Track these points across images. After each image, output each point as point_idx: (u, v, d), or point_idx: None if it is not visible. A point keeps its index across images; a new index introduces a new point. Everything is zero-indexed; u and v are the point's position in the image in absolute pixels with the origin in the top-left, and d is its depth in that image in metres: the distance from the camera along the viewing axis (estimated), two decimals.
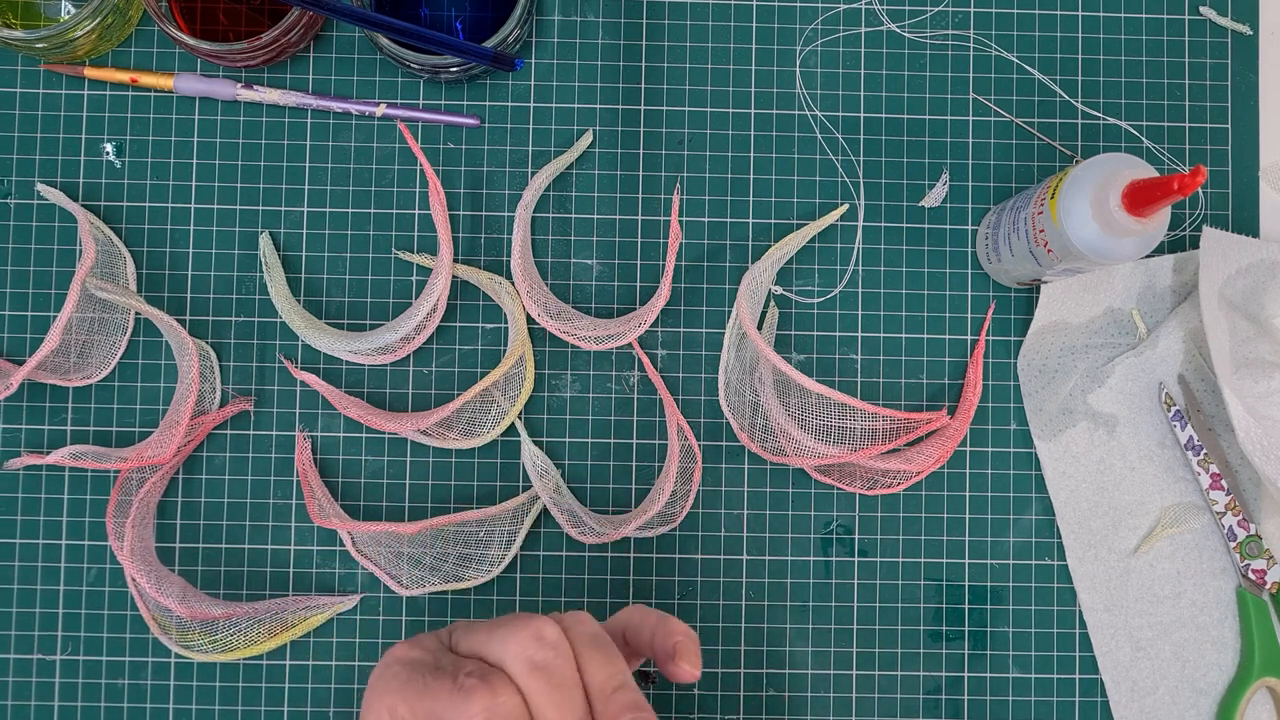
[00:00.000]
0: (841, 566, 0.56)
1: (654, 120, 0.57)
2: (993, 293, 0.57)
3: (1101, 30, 0.58)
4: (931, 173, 0.58)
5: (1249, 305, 0.55)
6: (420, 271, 0.57)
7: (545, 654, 0.38)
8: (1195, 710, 0.55)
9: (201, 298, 0.56)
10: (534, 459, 0.55)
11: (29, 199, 0.56)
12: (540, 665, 0.37)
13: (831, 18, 0.58)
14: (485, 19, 0.56)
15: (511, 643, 0.38)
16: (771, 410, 0.54)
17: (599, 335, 0.55)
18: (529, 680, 0.37)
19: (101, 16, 0.53)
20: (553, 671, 0.37)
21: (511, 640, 0.38)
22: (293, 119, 0.57)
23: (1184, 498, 0.56)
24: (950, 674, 0.56)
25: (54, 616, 0.55)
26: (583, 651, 0.38)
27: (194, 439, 0.55)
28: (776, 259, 0.56)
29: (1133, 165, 0.47)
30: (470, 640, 0.39)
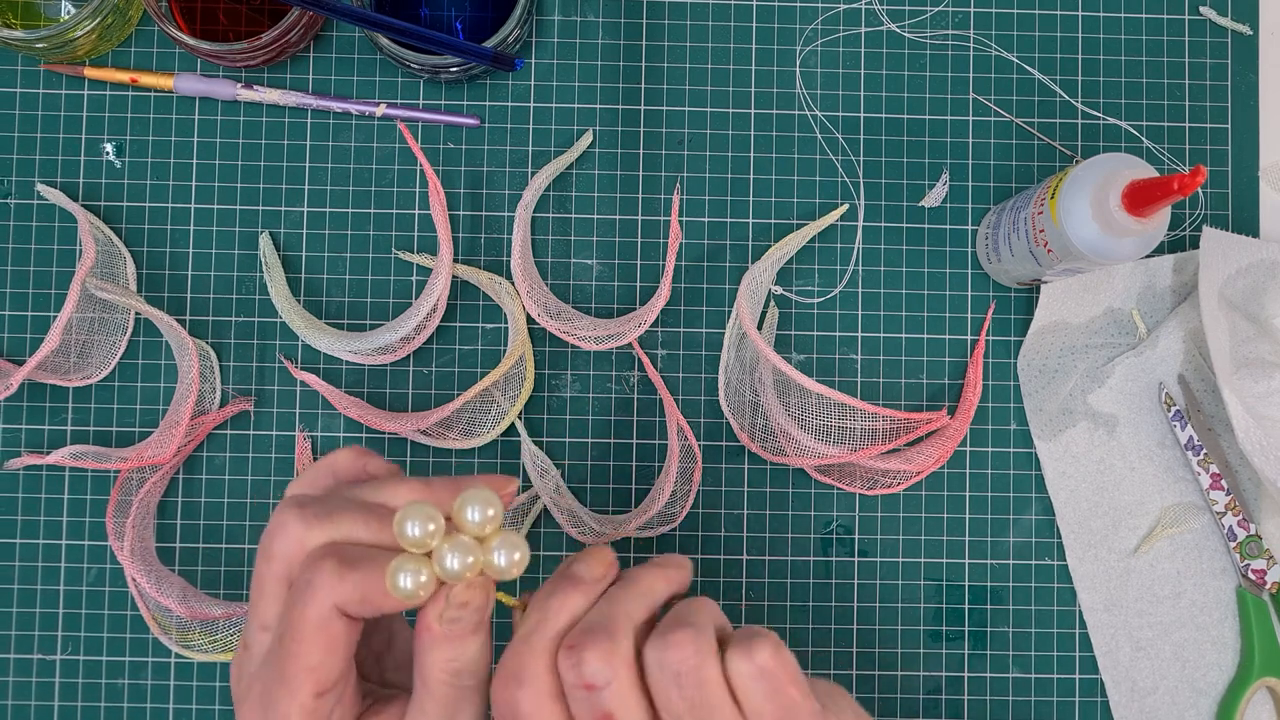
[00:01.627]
0: (841, 566, 0.56)
1: (654, 120, 0.57)
2: (993, 293, 0.57)
3: (1101, 30, 0.58)
4: (931, 173, 0.58)
5: (1249, 305, 0.55)
6: (420, 271, 0.57)
7: (317, 504, 0.35)
8: (1195, 710, 0.55)
9: (201, 298, 0.56)
10: (534, 459, 0.55)
11: (29, 199, 0.56)
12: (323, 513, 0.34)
13: (831, 18, 0.58)
14: (485, 19, 0.56)
15: (288, 529, 0.34)
16: (771, 410, 0.54)
17: (599, 335, 0.55)
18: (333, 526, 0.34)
19: (101, 16, 0.53)
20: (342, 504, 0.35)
21: (285, 529, 0.34)
22: (293, 119, 0.57)
23: (1184, 498, 0.56)
24: (950, 674, 0.56)
25: (54, 616, 0.55)
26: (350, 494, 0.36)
27: (194, 439, 0.55)
28: (776, 259, 0.56)
29: (1133, 165, 0.47)
30: (265, 597, 0.35)
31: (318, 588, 0.32)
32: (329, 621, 0.33)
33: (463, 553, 0.32)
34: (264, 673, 0.34)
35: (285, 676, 0.33)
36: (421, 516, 0.32)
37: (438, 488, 0.35)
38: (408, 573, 0.32)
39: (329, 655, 0.33)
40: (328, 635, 0.33)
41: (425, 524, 0.32)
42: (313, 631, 0.33)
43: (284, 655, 0.33)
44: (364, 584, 0.32)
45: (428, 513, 0.32)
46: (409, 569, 0.32)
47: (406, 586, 0.32)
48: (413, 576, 0.32)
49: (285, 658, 0.33)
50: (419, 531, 0.32)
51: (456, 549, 0.32)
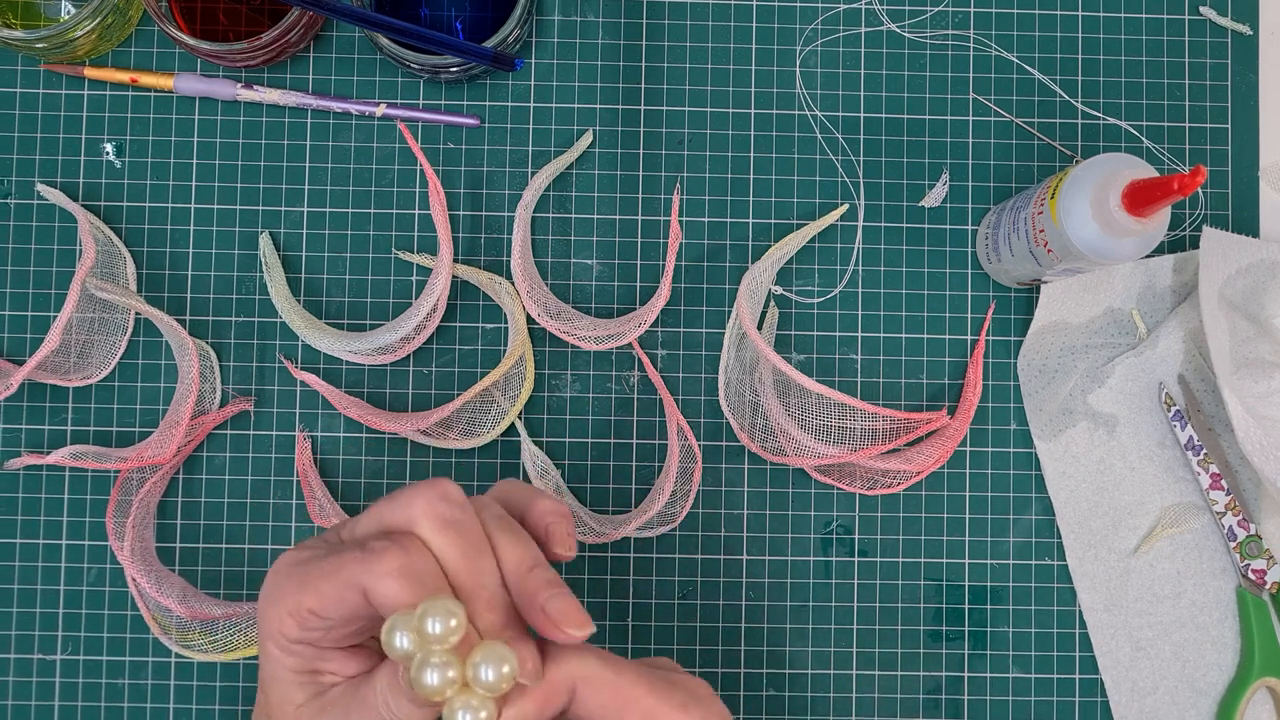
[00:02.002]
0: (841, 566, 0.56)
1: (654, 120, 0.57)
2: (993, 293, 0.57)
3: (1101, 30, 0.58)
4: (931, 173, 0.58)
5: (1249, 305, 0.55)
6: (420, 271, 0.57)
7: (454, 511, 0.34)
8: (1195, 710, 0.55)
9: (201, 298, 0.56)
10: (534, 459, 0.55)
11: (29, 199, 0.56)
12: (451, 522, 0.34)
13: (831, 18, 0.58)
14: (485, 19, 0.56)
15: (418, 502, 0.34)
16: (771, 410, 0.54)
17: (599, 335, 0.55)
18: (441, 538, 0.34)
19: (101, 16, 0.53)
20: (465, 528, 0.34)
21: (417, 500, 0.34)
22: (293, 119, 0.57)
23: (1184, 498, 0.56)
24: (950, 674, 0.56)
25: (54, 616, 0.55)
26: (491, 527, 0.36)
27: (194, 439, 0.55)
28: (776, 259, 0.56)
29: (1133, 165, 0.47)
30: (367, 519, 0.36)
31: (371, 565, 0.33)
32: (354, 589, 0.34)
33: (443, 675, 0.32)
34: (302, 565, 0.35)
35: (304, 579, 0.34)
36: (440, 665, 0.32)
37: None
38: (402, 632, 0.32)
39: (338, 603, 0.34)
40: (348, 595, 0.34)
41: (444, 671, 0.32)
42: (342, 580, 0.34)
43: (318, 567, 0.34)
44: (393, 598, 0.33)
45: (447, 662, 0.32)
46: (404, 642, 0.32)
47: (400, 647, 0.32)
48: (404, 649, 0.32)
49: (316, 569, 0.34)
50: (436, 680, 0.32)
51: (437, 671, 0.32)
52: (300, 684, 0.36)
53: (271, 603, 0.35)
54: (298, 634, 0.35)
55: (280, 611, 0.35)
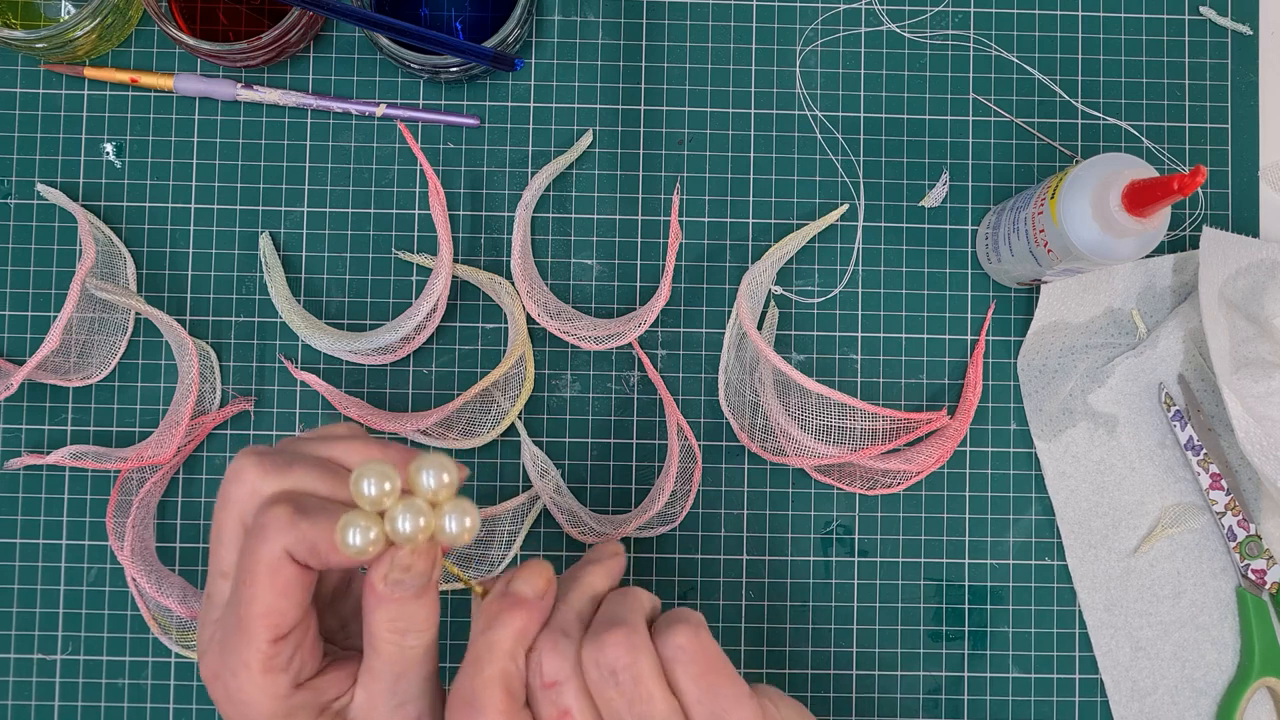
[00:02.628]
0: (841, 566, 0.56)
1: (654, 120, 0.57)
2: (993, 293, 0.57)
3: (1101, 30, 0.58)
4: (931, 173, 0.58)
5: (1249, 305, 0.55)
6: (420, 271, 0.57)
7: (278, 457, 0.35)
8: (1195, 710, 0.55)
9: (201, 298, 0.56)
10: (534, 459, 0.55)
11: (29, 199, 0.56)
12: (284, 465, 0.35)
13: (831, 18, 0.58)
14: (485, 19, 0.56)
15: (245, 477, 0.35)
16: (771, 410, 0.54)
17: (599, 335, 0.55)
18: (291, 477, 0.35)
19: (101, 16, 0.53)
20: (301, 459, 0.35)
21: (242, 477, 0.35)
22: (293, 119, 0.57)
23: (1184, 498, 0.56)
24: (950, 674, 0.56)
25: (54, 616, 0.55)
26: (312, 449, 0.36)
27: (194, 439, 0.55)
28: (776, 259, 0.56)
29: (1133, 165, 0.47)
30: (222, 545, 0.36)
31: (269, 531, 0.33)
32: (281, 565, 0.33)
33: (414, 514, 0.32)
34: (224, 620, 0.34)
35: (242, 623, 0.33)
36: (378, 475, 0.32)
37: (394, 451, 0.36)
38: (357, 529, 0.32)
39: (282, 599, 0.33)
40: (280, 579, 0.33)
41: (381, 483, 0.32)
42: (265, 574, 0.33)
43: (239, 600, 0.33)
44: (313, 532, 0.33)
45: (384, 472, 0.32)
46: (359, 525, 0.32)
47: (355, 543, 0.32)
48: (362, 533, 0.32)
49: (240, 603, 0.33)
50: (374, 490, 0.32)
51: (409, 510, 0.32)
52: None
53: (241, 686, 0.34)
54: (286, 681, 0.34)
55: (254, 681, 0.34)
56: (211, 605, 0.36)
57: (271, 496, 0.34)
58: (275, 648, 0.34)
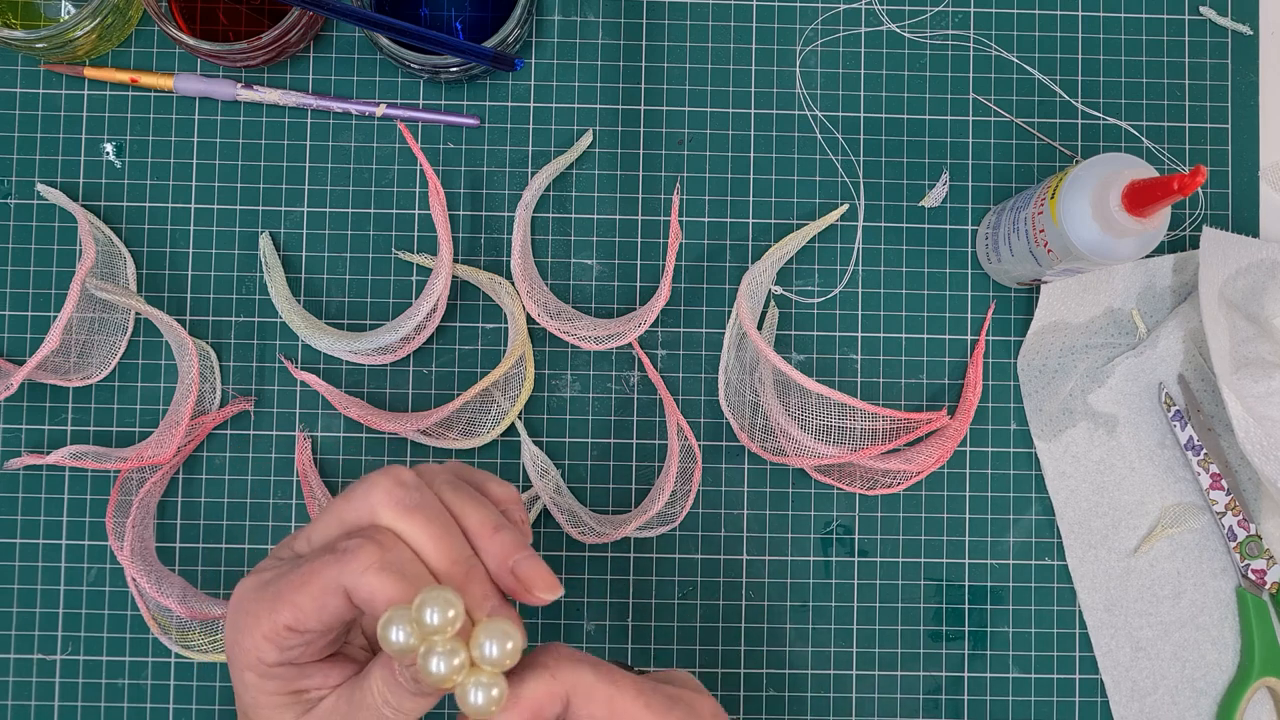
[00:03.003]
0: (841, 566, 0.56)
1: (654, 120, 0.57)
2: (993, 293, 0.57)
3: (1101, 30, 0.58)
4: (931, 173, 0.58)
5: (1249, 305, 0.55)
6: (420, 271, 0.57)
7: (413, 495, 0.34)
8: (1195, 710, 0.55)
9: (201, 298, 0.56)
10: (534, 459, 0.55)
11: (29, 199, 0.56)
12: (413, 506, 0.34)
13: (831, 18, 0.58)
14: (485, 19, 0.56)
15: (375, 493, 0.34)
16: (771, 410, 0.54)
17: (599, 335, 0.55)
18: (407, 524, 0.34)
19: (101, 16, 0.53)
20: (427, 508, 0.34)
21: (374, 491, 0.34)
22: (293, 119, 0.57)
23: (1184, 498, 0.56)
24: (950, 674, 0.56)
25: (54, 616, 0.55)
26: (448, 498, 0.35)
27: (194, 439, 0.55)
28: (776, 259, 0.56)
29: (1133, 165, 0.47)
30: (324, 523, 0.35)
31: (346, 562, 0.33)
32: (332, 593, 0.33)
33: (449, 657, 0.32)
34: (281, 573, 0.34)
35: (280, 594, 0.34)
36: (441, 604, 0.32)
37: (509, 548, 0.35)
38: (401, 629, 0.31)
39: (317, 615, 0.33)
40: (327, 603, 0.33)
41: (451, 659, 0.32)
42: (318, 589, 0.33)
43: (287, 581, 0.34)
44: (380, 594, 0.33)
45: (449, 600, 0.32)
46: (403, 627, 0.32)
47: (397, 640, 0.31)
48: (405, 634, 0.32)
49: (287, 584, 0.34)
50: (436, 620, 0.31)
51: (447, 656, 0.32)
52: (286, 705, 0.36)
53: (243, 631, 0.34)
54: (276, 656, 0.34)
55: (254, 638, 0.34)
56: (280, 548, 0.37)
57: (374, 529, 0.34)
58: (288, 633, 0.34)
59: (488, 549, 0.35)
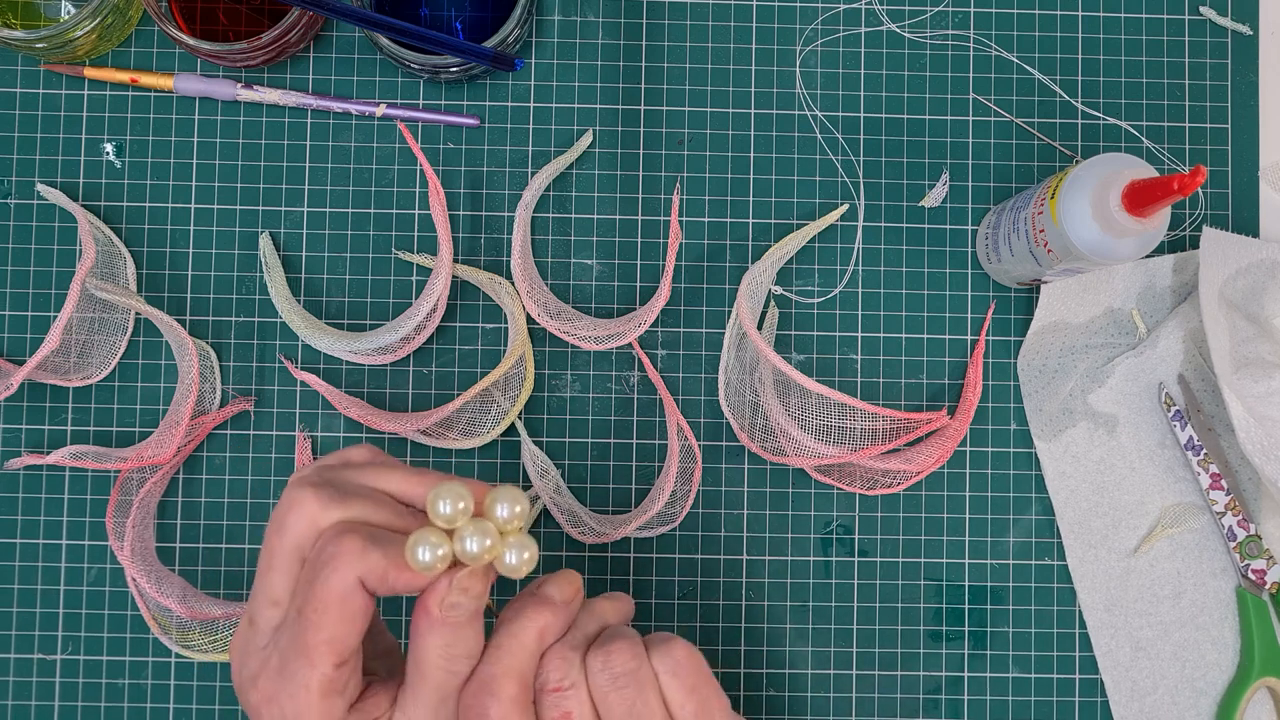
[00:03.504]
0: (841, 566, 0.56)
1: (654, 120, 0.57)
2: (993, 293, 0.57)
3: (1101, 30, 0.58)
4: (931, 173, 0.58)
5: (1249, 305, 0.55)
6: (420, 271, 0.57)
7: (323, 474, 0.37)
8: (1195, 710, 0.55)
9: (201, 298, 0.56)
10: (534, 459, 0.55)
11: (29, 199, 0.56)
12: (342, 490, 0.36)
13: (831, 18, 0.58)
14: (485, 19, 0.56)
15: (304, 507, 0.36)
16: (771, 410, 0.54)
17: (599, 335, 0.55)
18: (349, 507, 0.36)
19: (101, 16, 0.53)
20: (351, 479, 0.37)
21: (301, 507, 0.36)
22: (293, 119, 0.57)
23: (1184, 498, 0.56)
24: (950, 674, 0.56)
25: (54, 616, 0.55)
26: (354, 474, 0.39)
27: (194, 439, 0.55)
28: (776, 259, 0.56)
29: (1133, 165, 0.47)
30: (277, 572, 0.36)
31: (342, 560, 0.34)
32: (351, 594, 0.34)
33: (482, 536, 0.34)
34: (281, 646, 0.35)
35: (306, 648, 0.34)
36: (453, 495, 0.34)
37: (429, 480, 0.37)
38: (428, 546, 0.33)
39: (349, 627, 0.35)
40: (349, 608, 0.34)
41: (456, 502, 0.34)
42: (336, 603, 0.34)
43: (304, 627, 0.34)
44: (384, 560, 0.34)
45: (460, 493, 0.34)
46: (430, 542, 0.33)
47: (424, 559, 0.33)
48: (431, 550, 0.33)
49: (306, 629, 0.34)
50: (449, 509, 0.34)
51: (478, 532, 0.34)
52: None
53: (302, 710, 0.35)
54: (342, 706, 0.36)
55: (310, 699, 0.35)
56: (255, 632, 0.37)
57: (338, 526, 0.35)
58: (337, 672, 0.35)
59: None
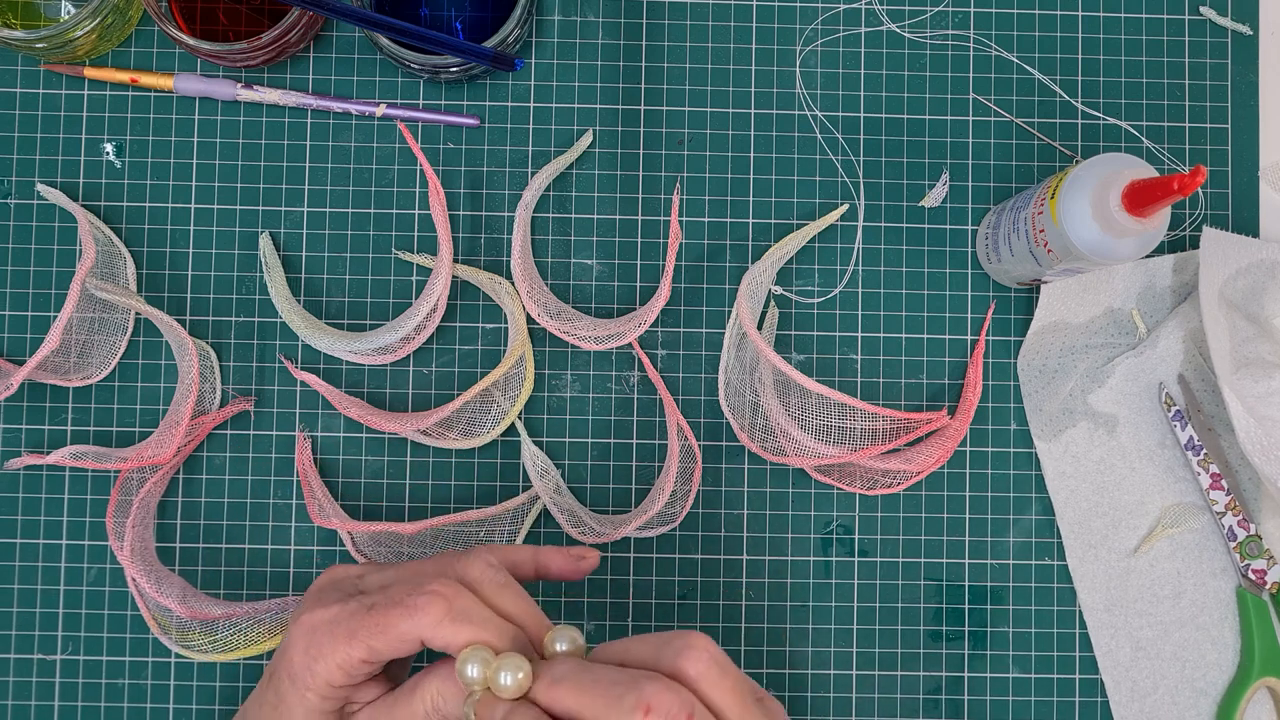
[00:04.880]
0: (841, 566, 0.56)
1: (654, 120, 0.57)
2: (993, 293, 0.57)
3: (1101, 30, 0.58)
4: (931, 173, 0.58)
5: (1249, 305, 0.55)
6: (420, 271, 0.57)
7: (502, 575, 0.40)
8: (1195, 710, 0.55)
9: (201, 298, 0.56)
10: (534, 459, 0.55)
11: (29, 199, 0.56)
12: (503, 584, 0.40)
13: (831, 18, 0.58)
14: (485, 19, 0.56)
15: (474, 567, 0.40)
16: (771, 410, 0.54)
17: (599, 335, 0.55)
18: (498, 595, 0.40)
19: (101, 16, 0.53)
20: (514, 587, 0.40)
21: (474, 565, 0.40)
22: (293, 119, 0.57)
23: (1184, 498, 0.56)
24: (950, 674, 0.56)
25: (54, 616, 0.55)
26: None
27: (194, 439, 0.55)
28: (776, 259, 0.56)
29: (1133, 165, 0.47)
30: (409, 578, 0.40)
31: (421, 619, 0.38)
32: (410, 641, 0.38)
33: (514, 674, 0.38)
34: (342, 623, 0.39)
35: (352, 636, 0.38)
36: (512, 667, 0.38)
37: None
38: (474, 664, 0.38)
39: (392, 652, 0.39)
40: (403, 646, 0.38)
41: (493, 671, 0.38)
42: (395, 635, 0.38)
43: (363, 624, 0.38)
44: (455, 641, 0.38)
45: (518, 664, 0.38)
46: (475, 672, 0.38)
47: (473, 675, 0.38)
48: (477, 677, 0.38)
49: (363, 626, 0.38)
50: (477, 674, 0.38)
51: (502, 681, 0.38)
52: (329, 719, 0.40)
53: (318, 659, 0.39)
54: (345, 680, 0.39)
55: (329, 665, 0.39)
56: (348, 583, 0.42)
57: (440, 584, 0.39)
58: (361, 665, 0.39)
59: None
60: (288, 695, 0.40)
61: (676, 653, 0.37)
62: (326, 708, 0.40)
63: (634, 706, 0.34)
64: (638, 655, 0.38)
